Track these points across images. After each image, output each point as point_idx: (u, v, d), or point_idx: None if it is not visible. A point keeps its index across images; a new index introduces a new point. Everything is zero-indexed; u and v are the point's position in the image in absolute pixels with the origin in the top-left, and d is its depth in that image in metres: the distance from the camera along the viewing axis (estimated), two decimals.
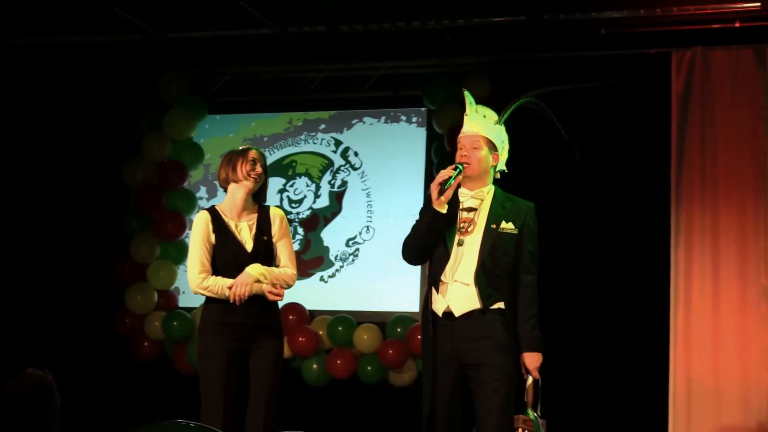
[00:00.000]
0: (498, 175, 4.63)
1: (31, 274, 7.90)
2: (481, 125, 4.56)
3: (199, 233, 4.83)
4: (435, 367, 4.43)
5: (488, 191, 4.56)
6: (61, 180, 7.99)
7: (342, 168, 7.94)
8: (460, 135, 4.54)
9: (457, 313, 4.40)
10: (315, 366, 7.45)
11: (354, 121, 7.99)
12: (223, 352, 4.73)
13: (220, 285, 4.74)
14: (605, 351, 6.87)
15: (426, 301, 4.52)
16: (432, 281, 4.50)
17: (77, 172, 7.97)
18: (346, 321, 7.45)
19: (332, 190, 7.93)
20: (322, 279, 7.82)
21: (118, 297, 7.84)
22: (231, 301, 4.70)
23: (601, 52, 7.02)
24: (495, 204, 4.53)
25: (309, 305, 7.59)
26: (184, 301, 7.94)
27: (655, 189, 6.83)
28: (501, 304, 4.42)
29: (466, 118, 4.57)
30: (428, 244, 4.46)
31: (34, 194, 7.98)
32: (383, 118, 7.90)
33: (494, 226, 4.46)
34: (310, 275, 7.75)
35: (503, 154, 4.65)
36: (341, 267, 7.80)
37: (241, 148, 4.97)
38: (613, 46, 6.98)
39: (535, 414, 4.40)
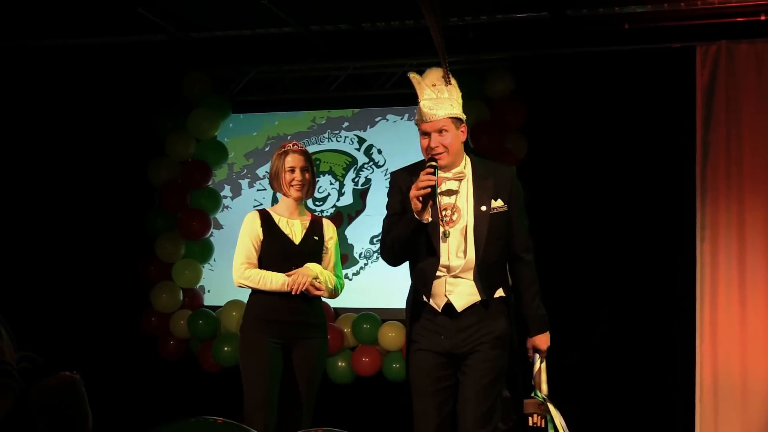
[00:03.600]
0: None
1: (58, 274, 7.95)
2: (440, 105, 4.12)
3: (246, 231, 4.89)
4: (420, 358, 4.16)
5: (465, 166, 4.20)
6: (86, 179, 8.04)
7: (365, 166, 7.94)
8: (421, 123, 4.14)
9: (459, 308, 4.12)
10: (340, 364, 7.45)
11: (377, 119, 7.98)
12: (264, 348, 4.78)
13: (262, 275, 4.78)
14: (632, 345, 6.86)
15: (414, 294, 4.23)
16: (422, 279, 4.17)
17: (102, 171, 8.01)
18: (371, 318, 7.45)
19: (356, 187, 7.93)
20: (346, 276, 7.81)
21: (143, 296, 7.88)
22: (287, 289, 4.73)
23: (624, 47, 6.99)
24: (477, 180, 4.16)
25: (334, 303, 7.57)
26: (209, 300, 7.97)
27: (681, 183, 6.80)
28: (501, 292, 4.18)
29: (421, 104, 4.14)
30: (409, 249, 4.15)
31: (60, 194, 8.03)
32: (406, 116, 7.88)
33: (484, 208, 4.11)
34: None
35: (464, 119, 4.21)
36: (366, 264, 7.81)
37: (282, 150, 4.96)
38: (636, 40, 6.94)
39: (545, 397, 4.18)
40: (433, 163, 4.01)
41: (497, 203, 4.13)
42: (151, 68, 7.88)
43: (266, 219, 4.92)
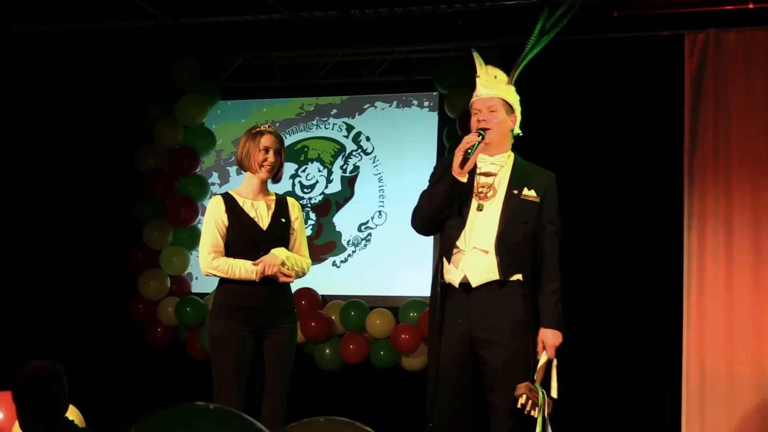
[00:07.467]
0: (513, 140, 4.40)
1: (45, 262, 7.92)
2: (495, 86, 4.32)
3: (211, 216, 4.84)
4: (440, 345, 4.18)
5: (508, 157, 4.34)
6: (73, 167, 8.01)
7: (354, 153, 7.93)
8: (474, 99, 4.33)
9: (474, 284, 4.15)
10: (328, 351, 7.46)
11: (366, 106, 7.97)
12: (234, 337, 4.73)
13: (230, 265, 4.73)
14: (618, 336, 6.87)
15: (436, 273, 4.29)
16: (445, 251, 4.26)
17: (90, 158, 7.99)
18: (359, 306, 7.45)
19: (344, 175, 7.92)
20: (334, 264, 7.82)
21: (131, 283, 7.87)
22: (257, 278, 4.70)
23: (614, 35, 6.99)
24: (516, 170, 4.30)
25: (321, 290, 7.60)
26: (197, 287, 7.96)
27: (668, 172, 6.81)
28: (519, 276, 4.18)
29: (478, 81, 4.33)
30: (442, 213, 4.23)
31: (47, 181, 8.00)
32: (395, 103, 7.88)
33: (516, 192, 4.23)
34: (322, 260, 7.75)
35: (518, 116, 4.38)
36: (354, 252, 7.81)
37: (255, 130, 4.94)
38: (625, 28, 6.94)
39: (543, 390, 4.10)
40: (481, 132, 4.17)
41: (530, 193, 4.24)
42: (139, 54, 7.85)
43: (230, 203, 4.85)
